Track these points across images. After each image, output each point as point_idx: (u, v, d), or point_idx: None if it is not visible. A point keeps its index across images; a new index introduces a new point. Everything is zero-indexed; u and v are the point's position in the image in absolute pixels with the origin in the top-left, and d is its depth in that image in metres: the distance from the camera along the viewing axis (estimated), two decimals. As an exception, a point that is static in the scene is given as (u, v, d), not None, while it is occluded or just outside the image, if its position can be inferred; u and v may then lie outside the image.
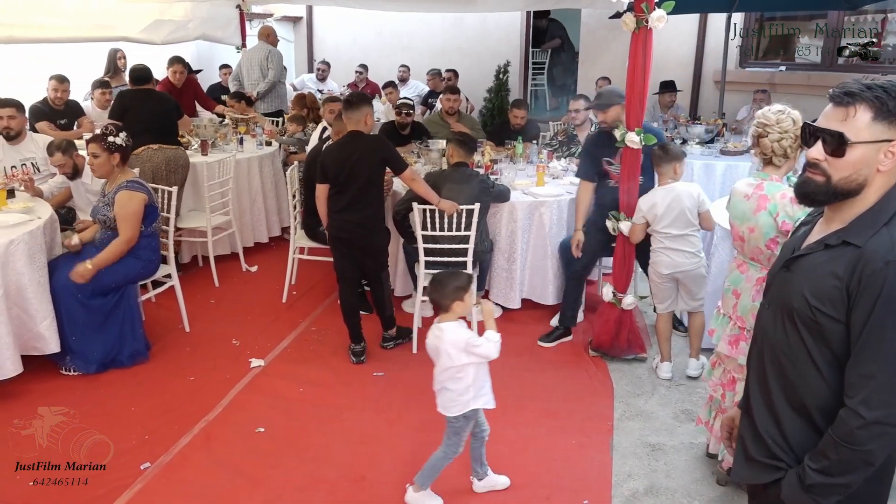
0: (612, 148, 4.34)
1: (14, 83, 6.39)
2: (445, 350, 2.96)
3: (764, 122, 2.98)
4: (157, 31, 7.76)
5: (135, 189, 4.21)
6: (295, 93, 8.72)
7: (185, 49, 9.03)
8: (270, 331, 4.83)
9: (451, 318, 3.02)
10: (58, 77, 6.28)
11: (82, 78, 7.03)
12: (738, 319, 3.10)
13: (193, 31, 8.28)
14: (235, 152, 6.13)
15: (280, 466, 3.39)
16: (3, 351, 3.74)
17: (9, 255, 3.77)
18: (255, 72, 8.31)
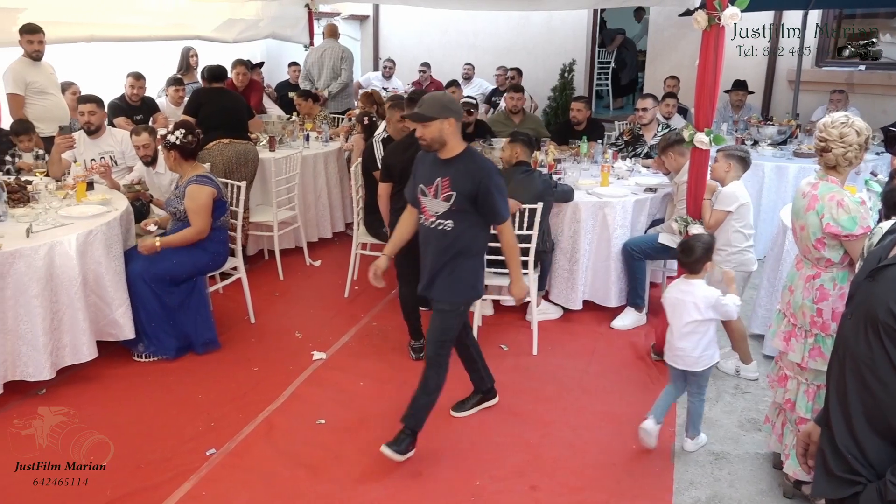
0: (431, 170, 3.28)
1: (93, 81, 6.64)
2: (694, 303, 3.32)
3: (826, 138, 2.93)
4: (229, 30, 8.00)
5: (203, 183, 4.34)
6: (361, 91, 8.82)
7: (254, 47, 9.26)
8: (332, 324, 4.91)
9: (700, 277, 3.40)
10: (134, 74, 6.52)
11: (154, 75, 7.25)
12: (790, 316, 3.12)
13: (263, 29, 8.49)
14: (302, 149, 6.24)
15: (340, 459, 3.44)
16: (80, 336, 3.90)
17: (87, 245, 3.93)
18: (326, 71, 8.44)
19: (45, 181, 4.71)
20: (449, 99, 3.26)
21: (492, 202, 3.22)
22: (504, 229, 3.36)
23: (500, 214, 3.29)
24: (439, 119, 3.13)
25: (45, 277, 3.71)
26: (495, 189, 3.21)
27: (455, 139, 3.22)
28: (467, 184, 3.18)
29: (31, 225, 3.89)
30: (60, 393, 3.90)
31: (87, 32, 6.54)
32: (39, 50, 5.60)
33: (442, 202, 3.23)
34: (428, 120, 3.15)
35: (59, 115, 5.83)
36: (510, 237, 3.40)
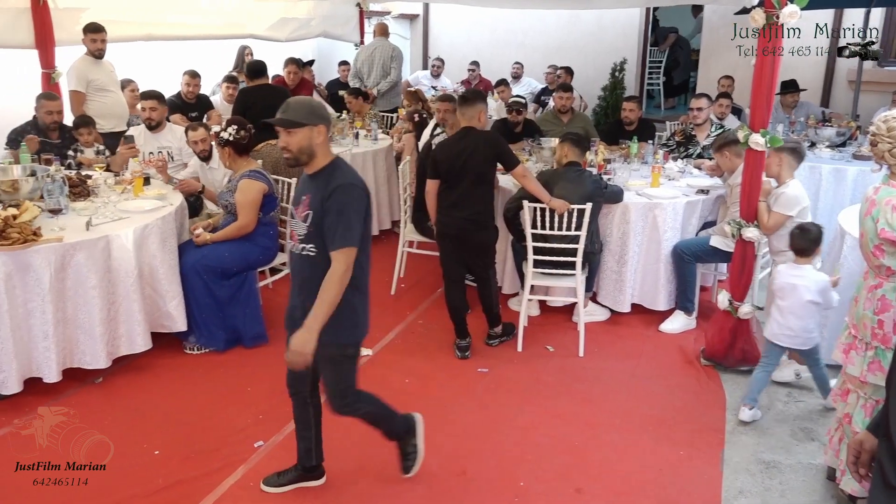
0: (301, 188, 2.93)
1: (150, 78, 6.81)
2: (806, 287, 3.57)
3: (875, 132, 2.86)
4: (282, 29, 8.13)
5: (255, 178, 4.42)
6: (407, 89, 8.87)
7: (306, 46, 9.39)
8: (378, 321, 4.91)
9: (810, 262, 3.64)
10: (190, 72, 6.66)
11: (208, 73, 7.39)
12: (852, 327, 3.02)
13: (315, 28, 8.61)
14: (352, 147, 6.30)
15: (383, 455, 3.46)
16: (136, 327, 4.01)
17: (143, 239, 4.04)
18: (376, 69, 8.50)
19: (104, 176, 4.86)
20: (318, 104, 2.82)
21: (329, 221, 2.65)
22: (337, 257, 2.67)
23: (333, 239, 2.66)
24: (308, 126, 2.69)
25: (103, 269, 3.82)
26: (338, 206, 2.65)
27: (324, 150, 2.76)
28: (319, 200, 2.71)
29: (90, 218, 4.01)
30: (115, 382, 4.02)
31: (146, 31, 6.72)
32: (101, 48, 5.77)
33: (301, 222, 2.78)
34: (294, 126, 2.70)
35: (118, 111, 6.00)
36: (338, 272, 2.67)
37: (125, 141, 5.20)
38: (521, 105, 6.43)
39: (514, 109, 6.36)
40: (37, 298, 3.64)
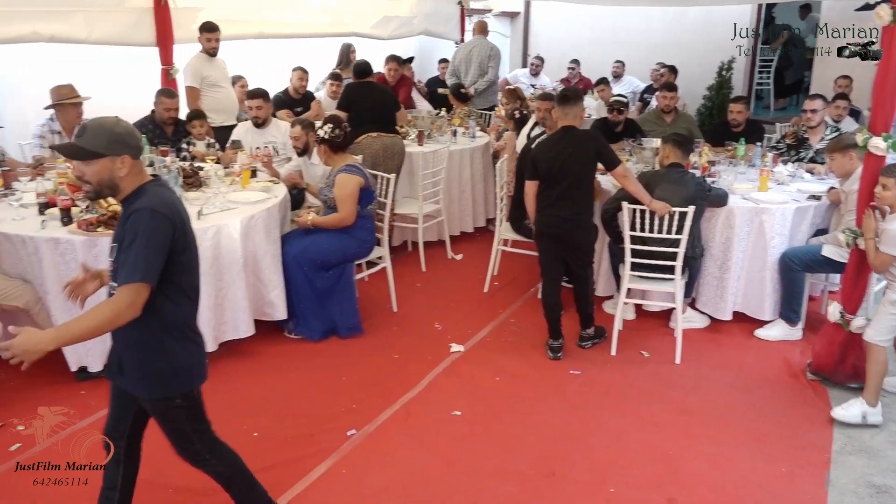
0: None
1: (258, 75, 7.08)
2: None
3: None
4: (385, 27, 8.28)
5: (352, 172, 4.52)
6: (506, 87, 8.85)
7: (407, 43, 9.52)
8: (471, 318, 4.97)
9: None
10: (301, 69, 6.88)
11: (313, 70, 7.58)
12: None
13: (417, 26, 8.72)
14: (449, 144, 6.35)
15: (473, 451, 3.48)
16: (240, 314, 4.18)
17: (249, 229, 4.21)
18: (474, 68, 8.52)
19: (214, 168, 5.08)
20: (124, 128, 2.34)
21: (126, 254, 2.26)
22: (120, 291, 2.25)
23: (121, 271, 2.27)
24: (107, 156, 2.28)
25: (212, 257, 4.00)
26: (130, 234, 2.26)
27: (131, 181, 2.34)
28: (120, 229, 2.36)
29: (201, 208, 4.21)
30: (220, 366, 4.18)
31: (256, 30, 6.99)
32: (215, 47, 6.06)
33: (110, 258, 2.44)
34: (91, 157, 2.28)
35: (229, 106, 6.28)
36: (112, 306, 2.25)
37: (232, 145, 5.44)
38: (622, 104, 6.30)
39: (616, 109, 6.24)
40: (151, 282, 3.85)
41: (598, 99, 8.45)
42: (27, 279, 3.81)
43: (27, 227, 3.83)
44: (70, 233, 3.73)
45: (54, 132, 5.24)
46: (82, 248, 3.69)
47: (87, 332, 2.26)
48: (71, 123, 5.25)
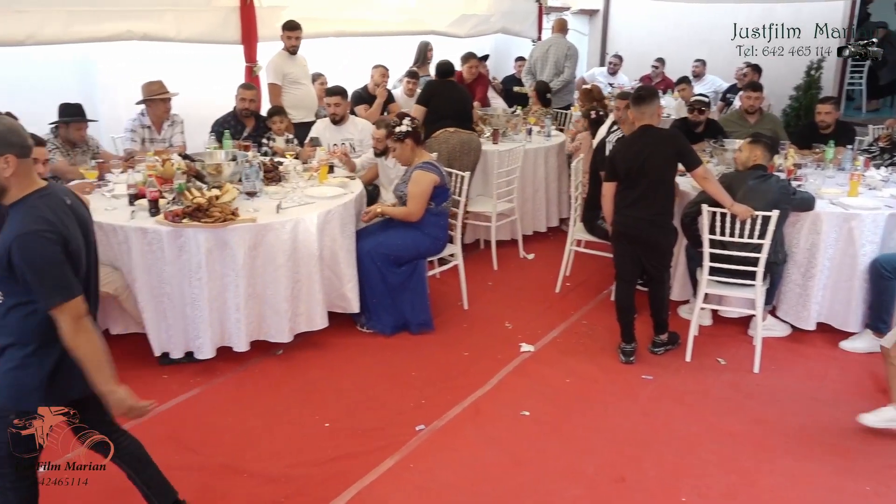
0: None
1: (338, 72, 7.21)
2: None
3: None
4: (462, 25, 8.32)
5: (428, 170, 4.55)
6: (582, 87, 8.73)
7: (483, 41, 9.52)
8: (542, 318, 4.93)
9: None
10: (382, 66, 6.97)
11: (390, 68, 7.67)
12: None
13: (494, 24, 8.72)
14: (524, 143, 6.32)
15: (542, 452, 3.46)
16: (315, 307, 4.27)
17: (326, 223, 4.29)
18: (549, 67, 8.44)
19: (294, 163, 5.21)
20: (9, 126, 2.19)
21: (29, 278, 2.15)
22: (57, 317, 2.19)
23: (45, 301, 2.18)
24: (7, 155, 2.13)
25: (289, 250, 4.10)
26: (26, 264, 2.12)
27: (18, 182, 2.19)
28: (2, 244, 2.18)
29: (281, 202, 4.32)
30: (294, 356, 4.31)
31: (336, 28, 7.13)
32: (296, 45, 6.21)
33: None
34: None
35: (308, 103, 6.43)
36: (66, 332, 2.20)
37: (311, 142, 5.56)
38: (703, 104, 6.12)
39: (697, 108, 6.07)
40: (231, 273, 3.98)
41: (678, 98, 8.25)
42: (117, 266, 3.99)
43: (118, 217, 4.01)
44: (157, 223, 3.89)
45: (144, 126, 5.49)
46: (168, 238, 3.85)
47: (92, 363, 2.25)
48: (160, 118, 5.49)
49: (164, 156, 4.84)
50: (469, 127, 5.94)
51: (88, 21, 5.23)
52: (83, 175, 4.60)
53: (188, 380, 4.01)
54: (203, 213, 3.90)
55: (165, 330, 4.02)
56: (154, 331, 3.99)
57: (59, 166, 4.67)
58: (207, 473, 3.24)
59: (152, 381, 3.97)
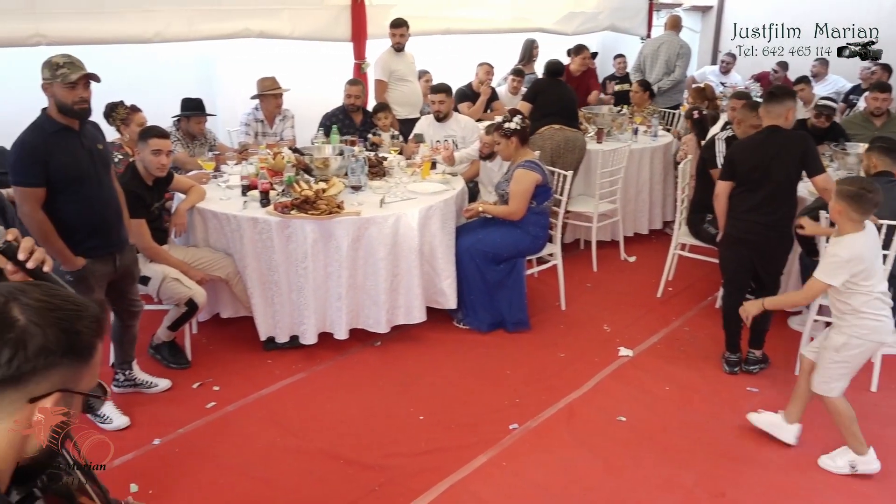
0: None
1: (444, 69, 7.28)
2: None
3: None
4: (569, 23, 8.22)
5: (531, 168, 4.52)
6: (693, 85, 8.44)
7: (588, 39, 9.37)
8: (642, 323, 4.82)
9: None
10: (488, 64, 6.99)
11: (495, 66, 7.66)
12: None
13: (602, 21, 8.57)
14: (630, 142, 6.18)
15: (637, 459, 3.38)
16: (414, 300, 4.34)
17: (427, 219, 4.34)
18: (659, 64, 8.20)
19: (397, 158, 5.30)
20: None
21: None
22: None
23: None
24: None
25: (390, 244, 4.18)
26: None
27: None
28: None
29: (384, 196, 4.41)
30: (391, 347, 4.39)
31: (443, 25, 7.20)
32: (402, 42, 6.31)
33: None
34: None
35: (413, 100, 6.52)
36: None
37: (415, 138, 5.64)
38: (830, 110, 5.75)
39: (824, 115, 5.71)
40: (335, 264, 4.10)
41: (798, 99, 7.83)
42: (229, 253, 4.19)
43: (231, 207, 4.20)
44: (267, 214, 4.04)
45: (258, 120, 5.72)
46: (277, 228, 4.00)
47: None
48: (272, 113, 5.71)
49: (276, 149, 5.03)
50: (574, 125, 5.87)
51: (210, 19, 5.50)
52: (201, 166, 4.84)
53: (291, 365, 4.16)
54: (310, 205, 4.03)
55: (272, 315, 4.19)
56: (261, 316, 4.16)
57: (179, 157, 4.94)
58: (306, 457, 3.35)
59: (258, 364, 4.14)
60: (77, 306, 1.10)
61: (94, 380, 1.15)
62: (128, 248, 3.53)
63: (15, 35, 4.49)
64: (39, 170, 3.04)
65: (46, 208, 3.12)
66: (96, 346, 1.13)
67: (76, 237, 3.20)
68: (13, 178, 3.08)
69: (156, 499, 3.03)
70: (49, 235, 3.11)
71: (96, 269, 3.31)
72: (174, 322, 3.99)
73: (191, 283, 3.92)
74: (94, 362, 1.13)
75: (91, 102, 3.12)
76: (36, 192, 3.07)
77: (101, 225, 3.29)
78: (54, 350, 1.05)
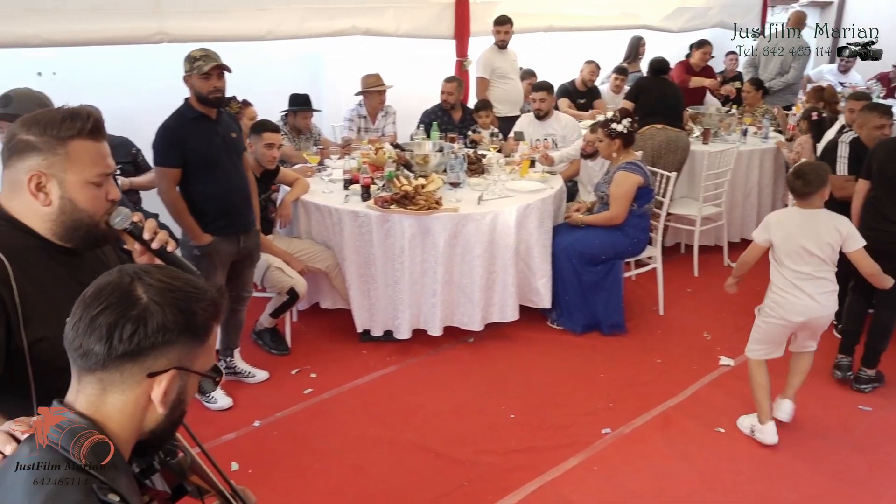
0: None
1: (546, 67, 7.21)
2: None
3: None
4: (677, 19, 7.98)
5: (632, 171, 4.42)
6: (810, 85, 8.01)
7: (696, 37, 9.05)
8: (745, 332, 4.50)
9: None
10: (594, 63, 6.88)
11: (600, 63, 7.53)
12: None
13: (712, 18, 8.27)
14: (738, 144, 5.94)
15: (736, 474, 3.25)
16: (508, 298, 4.33)
17: (524, 217, 4.32)
18: (774, 64, 7.80)
19: (496, 156, 5.30)
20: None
21: None
22: None
23: None
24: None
25: (487, 241, 4.18)
26: None
27: None
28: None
29: (482, 193, 4.42)
30: (484, 345, 4.40)
31: (547, 23, 7.13)
32: (506, 39, 6.29)
33: None
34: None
35: (514, 98, 6.50)
36: None
37: (515, 136, 5.61)
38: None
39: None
40: (431, 259, 4.14)
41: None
42: (330, 245, 4.30)
43: (333, 200, 4.31)
44: (368, 208, 4.13)
45: (361, 116, 5.85)
46: (376, 222, 4.08)
47: None
48: (375, 109, 5.82)
49: (377, 144, 5.13)
50: (678, 125, 5.70)
51: (320, 18, 5.65)
52: (307, 160, 5.00)
53: (385, 357, 4.24)
54: (409, 200, 4.09)
55: (368, 308, 4.28)
56: (358, 308, 4.26)
57: (286, 151, 5.11)
58: (397, 448, 3.41)
59: (353, 355, 4.24)
60: (196, 289, 1.15)
61: (209, 361, 1.20)
62: (253, 231, 3.75)
63: (140, 33, 4.76)
64: (176, 152, 3.36)
65: (182, 188, 3.44)
66: (212, 327, 1.18)
67: (206, 216, 3.49)
68: (154, 158, 3.43)
69: (255, 478, 3.16)
70: (181, 212, 3.44)
71: (221, 247, 3.55)
72: (276, 309, 4.14)
73: (293, 273, 4.06)
74: (209, 344, 1.18)
75: (224, 91, 3.40)
76: (172, 173, 3.39)
77: (230, 206, 3.54)
78: (171, 328, 1.10)
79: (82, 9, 4.47)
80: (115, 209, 1.57)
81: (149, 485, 1.21)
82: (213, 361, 1.22)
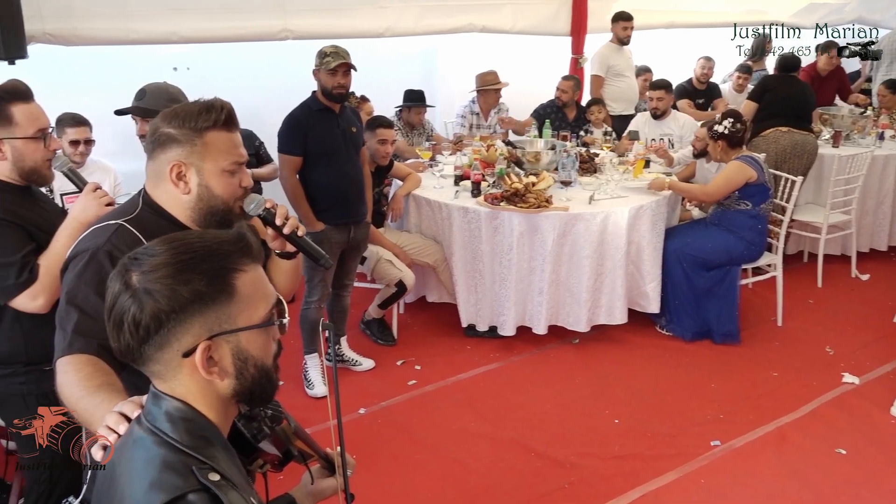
0: None
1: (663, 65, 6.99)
2: None
3: None
4: (810, 15, 7.55)
5: (747, 163, 4.25)
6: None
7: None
8: (872, 349, 4.33)
9: None
10: (706, 57, 6.63)
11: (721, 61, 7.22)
12: None
13: (849, 14, 7.78)
14: (873, 148, 5.55)
15: (858, 499, 3.05)
16: (616, 301, 4.24)
17: (636, 219, 4.22)
18: (887, 59, 7.23)
19: (609, 155, 5.20)
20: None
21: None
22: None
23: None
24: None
25: (596, 242, 4.11)
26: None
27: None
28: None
29: (594, 193, 4.35)
30: (589, 347, 4.33)
31: (668, 19, 6.94)
32: (628, 35, 6.16)
33: None
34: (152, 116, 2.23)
35: (629, 96, 6.36)
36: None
37: (629, 135, 5.48)
38: None
39: None
40: (539, 258, 4.11)
41: None
42: (438, 240, 4.36)
43: (444, 195, 4.37)
44: (477, 204, 4.15)
45: (474, 113, 5.89)
46: (485, 219, 4.09)
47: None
48: (490, 106, 5.84)
49: (489, 141, 5.15)
50: (806, 127, 5.38)
51: (438, 15, 5.74)
52: (419, 155, 5.08)
53: (489, 353, 4.25)
54: (519, 197, 4.08)
55: (474, 304, 4.30)
56: (464, 303, 4.29)
57: (399, 146, 5.22)
58: (498, 444, 3.41)
59: (458, 349, 4.28)
60: (189, 255, 1.05)
61: (256, 311, 1.10)
62: (364, 223, 3.87)
63: (267, 30, 5.01)
64: (299, 141, 3.52)
65: (301, 176, 3.60)
66: (230, 282, 1.07)
67: (321, 204, 3.63)
68: (278, 145, 3.60)
69: (358, 464, 3.23)
70: (298, 198, 3.59)
71: (332, 235, 3.67)
72: (384, 301, 4.24)
73: (401, 266, 4.14)
74: (244, 295, 1.08)
75: (348, 88, 3.53)
76: (293, 160, 3.55)
77: (344, 197, 3.67)
78: (171, 307, 1.03)
79: (214, 7, 4.76)
80: (248, 196, 1.66)
81: (262, 448, 1.25)
82: (266, 306, 1.12)
